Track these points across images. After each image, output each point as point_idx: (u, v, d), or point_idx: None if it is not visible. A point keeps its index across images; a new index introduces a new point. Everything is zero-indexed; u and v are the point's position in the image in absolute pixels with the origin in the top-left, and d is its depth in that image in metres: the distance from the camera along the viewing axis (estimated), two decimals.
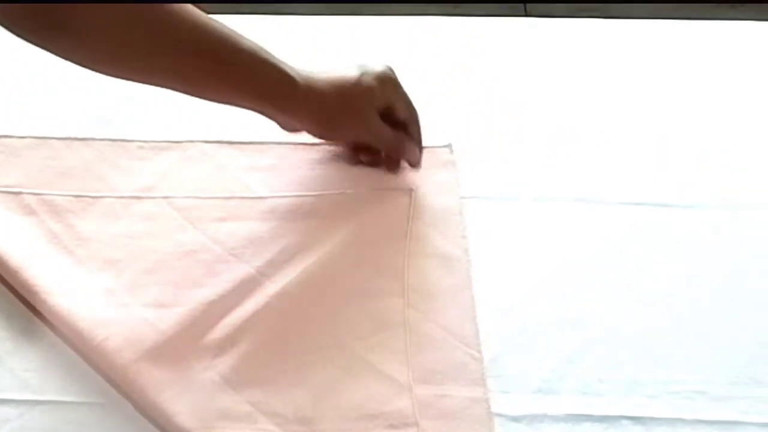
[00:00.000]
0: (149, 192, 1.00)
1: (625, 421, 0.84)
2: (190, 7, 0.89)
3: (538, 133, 1.11)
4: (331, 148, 1.04)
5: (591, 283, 0.97)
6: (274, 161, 1.04)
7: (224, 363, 0.87)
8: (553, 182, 1.05)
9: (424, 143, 1.05)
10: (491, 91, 1.15)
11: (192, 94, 0.92)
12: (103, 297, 0.90)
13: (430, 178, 1.04)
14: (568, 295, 0.95)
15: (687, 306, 0.94)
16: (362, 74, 0.98)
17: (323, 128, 0.99)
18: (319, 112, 0.97)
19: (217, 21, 0.90)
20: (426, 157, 1.05)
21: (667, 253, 0.99)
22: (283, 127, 0.98)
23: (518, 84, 1.17)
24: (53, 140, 1.05)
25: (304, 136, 1.02)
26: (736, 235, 1.01)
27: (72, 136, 1.06)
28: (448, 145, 1.06)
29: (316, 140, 1.04)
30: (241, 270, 0.93)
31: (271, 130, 0.99)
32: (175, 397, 0.83)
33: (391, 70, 1.00)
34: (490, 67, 1.19)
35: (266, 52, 0.94)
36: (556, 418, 0.84)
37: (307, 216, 0.98)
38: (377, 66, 1.00)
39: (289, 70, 0.94)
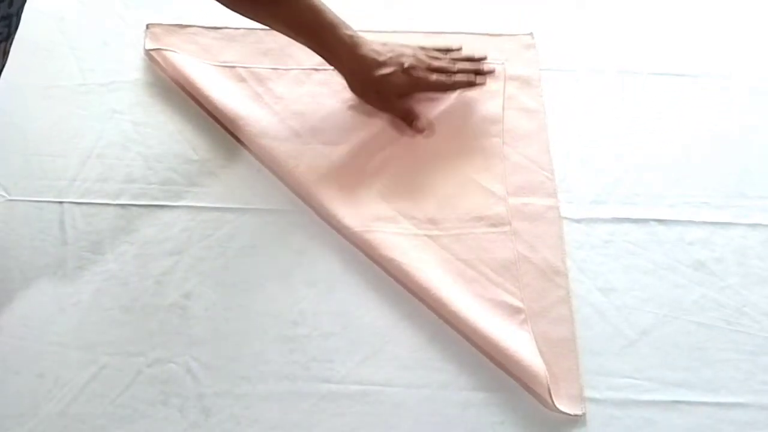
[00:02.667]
0: (323, 65, 1.11)
1: (652, 222, 1.03)
2: None
3: (598, 22, 1.23)
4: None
5: (629, 127, 1.12)
6: None
7: (377, 182, 1.04)
8: (603, 58, 1.19)
9: (513, 31, 1.19)
10: None
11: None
12: (293, 136, 1.07)
13: (517, 55, 1.17)
14: (613, 135, 1.11)
15: (697, 144, 1.10)
16: (391, 74, 1.05)
17: (356, 94, 1.10)
18: (354, 88, 1.09)
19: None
20: (514, 41, 1.18)
21: (682, 111, 1.13)
22: None
23: None
24: (258, 30, 1.15)
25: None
26: (732, 97, 1.16)
27: None
28: (530, 33, 1.20)
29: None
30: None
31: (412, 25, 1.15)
32: (343, 206, 1.00)
33: (419, 61, 1.07)
34: None
35: (337, 28, 1.04)
36: (605, 220, 1.03)
37: None
38: (410, 60, 1.06)
39: (346, 52, 1.04)
